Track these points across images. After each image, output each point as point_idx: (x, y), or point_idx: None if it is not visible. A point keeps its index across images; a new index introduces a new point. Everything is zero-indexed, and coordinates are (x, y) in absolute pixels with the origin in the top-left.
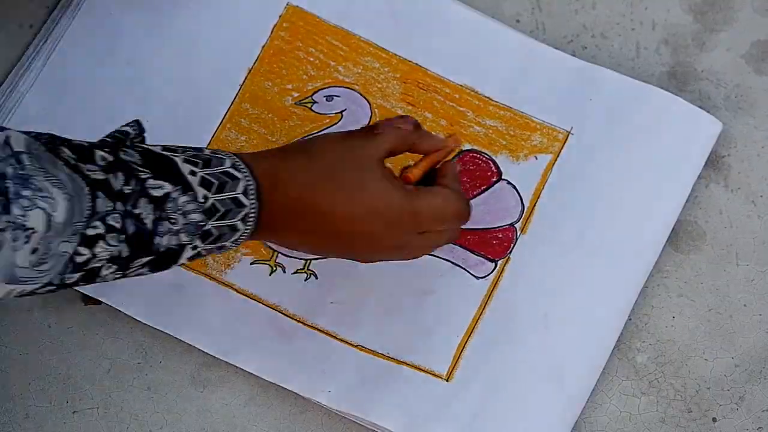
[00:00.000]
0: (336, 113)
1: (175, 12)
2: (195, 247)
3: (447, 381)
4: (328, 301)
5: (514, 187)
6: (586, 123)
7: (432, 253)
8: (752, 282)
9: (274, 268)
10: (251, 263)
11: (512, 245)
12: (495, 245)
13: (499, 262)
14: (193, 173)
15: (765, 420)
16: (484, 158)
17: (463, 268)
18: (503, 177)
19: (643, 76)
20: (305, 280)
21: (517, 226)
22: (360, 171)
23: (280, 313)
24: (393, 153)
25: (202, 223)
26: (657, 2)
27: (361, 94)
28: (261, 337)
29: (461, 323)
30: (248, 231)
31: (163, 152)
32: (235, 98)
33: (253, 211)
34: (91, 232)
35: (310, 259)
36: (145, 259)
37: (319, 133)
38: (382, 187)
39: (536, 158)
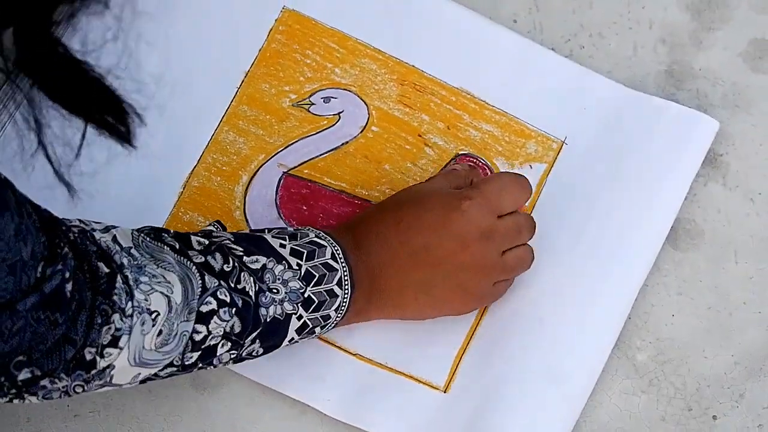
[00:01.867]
0: (333, 115)
1: (172, 16)
2: (300, 317)
3: (444, 392)
4: None
5: None
6: (581, 132)
7: None
8: (751, 279)
9: None
10: None
11: None
12: None
13: None
14: (282, 246)
15: (765, 417)
16: (480, 163)
17: None
18: None
19: (640, 75)
20: None
21: None
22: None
23: None
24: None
25: (302, 290)
26: (654, 1)
27: (358, 96)
28: None
29: (458, 334)
30: (347, 296)
31: (253, 233)
32: (232, 101)
33: (345, 274)
34: (204, 308)
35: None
36: (254, 333)
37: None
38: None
39: (531, 167)
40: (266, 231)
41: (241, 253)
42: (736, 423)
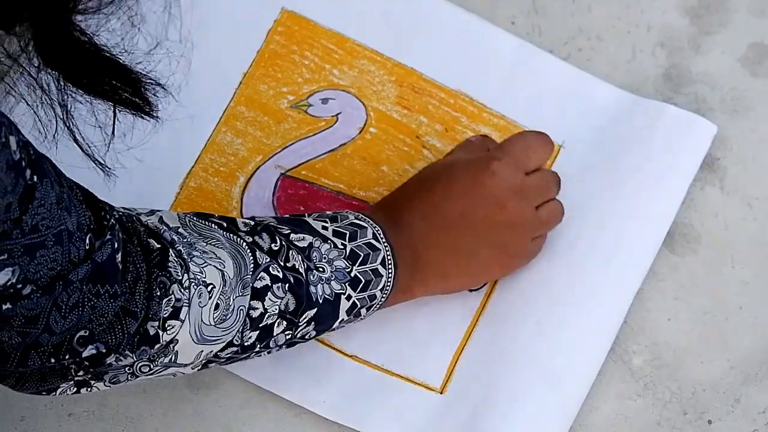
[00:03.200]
0: (331, 116)
1: (169, 16)
2: (349, 297)
3: (441, 393)
4: None
5: None
6: (578, 136)
7: None
8: (748, 284)
9: None
10: None
11: None
12: None
13: None
14: (324, 228)
15: (761, 422)
16: None
17: None
18: None
19: (638, 78)
20: None
21: None
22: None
23: None
24: None
25: (348, 270)
26: (652, 5)
27: (356, 97)
28: None
29: (455, 335)
30: (391, 275)
31: (292, 216)
32: (230, 101)
33: (388, 253)
34: (258, 284)
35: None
36: (310, 313)
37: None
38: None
39: None
40: (306, 215)
41: (288, 232)
42: (731, 428)
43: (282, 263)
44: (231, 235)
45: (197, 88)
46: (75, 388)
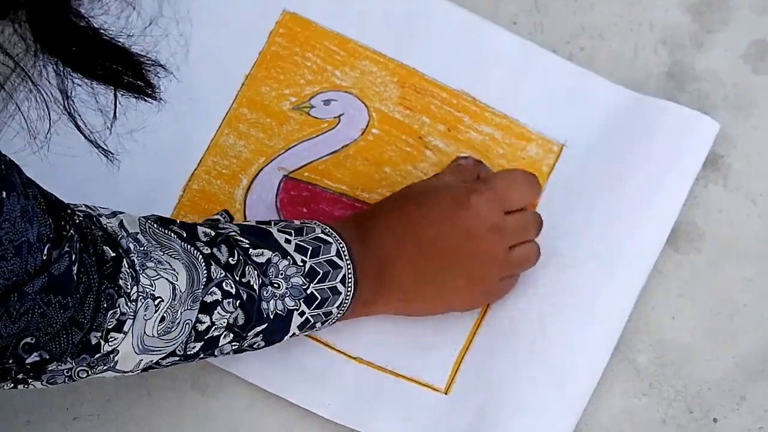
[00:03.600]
0: (334, 117)
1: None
2: (302, 313)
3: (446, 394)
4: None
5: None
6: (581, 134)
7: None
8: (752, 282)
9: None
10: None
11: None
12: None
13: None
14: (288, 241)
15: (766, 420)
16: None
17: None
18: None
19: (641, 76)
20: None
21: None
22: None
23: None
24: None
25: (304, 287)
26: (655, 3)
27: (358, 98)
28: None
29: (459, 335)
30: (350, 294)
31: (260, 225)
32: (232, 104)
33: (349, 271)
34: (209, 298)
35: None
36: (259, 328)
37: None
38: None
39: (532, 170)
40: (272, 224)
41: (247, 246)
42: (736, 426)
43: (237, 278)
44: (188, 246)
45: (199, 91)
46: (12, 385)
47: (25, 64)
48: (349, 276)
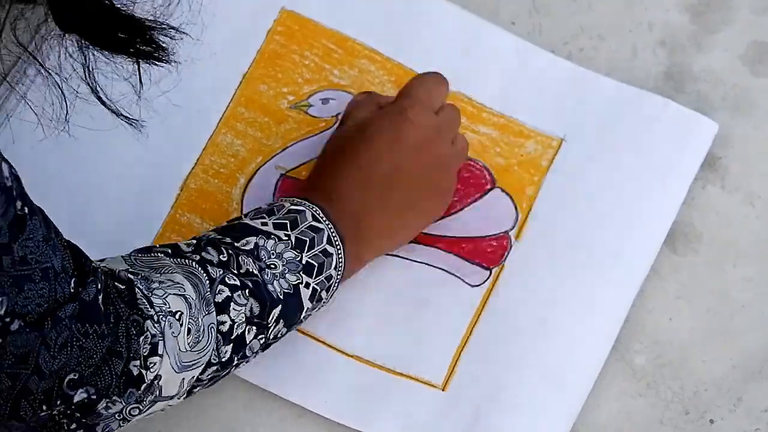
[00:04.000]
0: (332, 116)
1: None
2: (307, 285)
3: (443, 391)
4: (323, 310)
5: (509, 195)
6: (580, 130)
7: (427, 262)
8: (750, 283)
9: None
10: None
11: (507, 253)
12: (489, 253)
13: (494, 270)
14: (264, 224)
15: (763, 421)
16: (478, 166)
17: (458, 277)
18: (497, 185)
19: (640, 77)
20: None
21: (512, 233)
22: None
23: None
24: None
25: (298, 258)
26: (654, 3)
27: None
28: None
29: (456, 332)
30: (340, 252)
31: (232, 222)
32: (230, 102)
33: (332, 230)
34: (219, 297)
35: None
36: (276, 312)
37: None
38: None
39: (530, 166)
40: (242, 217)
41: (231, 241)
42: (734, 427)
43: (236, 271)
44: (179, 259)
45: (196, 89)
46: None
47: (33, 50)
48: (333, 235)
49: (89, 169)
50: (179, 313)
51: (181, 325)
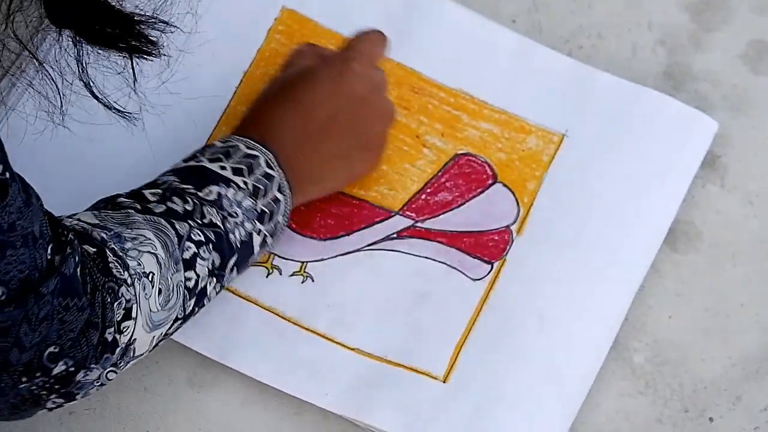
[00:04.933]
0: None
1: (169, 16)
2: (259, 231)
3: (444, 382)
4: (324, 304)
5: (510, 190)
6: (581, 125)
7: (428, 256)
8: (749, 282)
9: (271, 271)
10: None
11: (508, 247)
12: (491, 247)
13: (495, 264)
14: (223, 168)
15: (762, 419)
16: (479, 161)
17: (459, 271)
18: (499, 180)
19: (639, 76)
20: (302, 283)
21: (513, 228)
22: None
23: (276, 315)
24: None
25: (255, 207)
26: (653, 2)
27: None
28: (258, 339)
29: (458, 325)
30: (288, 198)
31: (190, 163)
32: (231, 101)
33: (282, 177)
34: (186, 254)
35: (307, 262)
36: (232, 261)
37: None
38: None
39: (532, 161)
40: (199, 155)
41: (194, 190)
42: (732, 425)
43: (200, 222)
44: (147, 215)
45: (197, 88)
46: (49, 411)
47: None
48: (284, 182)
49: (89, 167)
50: (151, 274)
51: (153, 286)
